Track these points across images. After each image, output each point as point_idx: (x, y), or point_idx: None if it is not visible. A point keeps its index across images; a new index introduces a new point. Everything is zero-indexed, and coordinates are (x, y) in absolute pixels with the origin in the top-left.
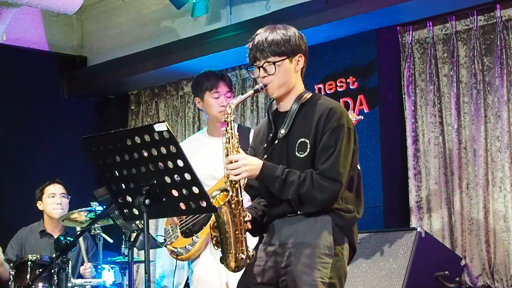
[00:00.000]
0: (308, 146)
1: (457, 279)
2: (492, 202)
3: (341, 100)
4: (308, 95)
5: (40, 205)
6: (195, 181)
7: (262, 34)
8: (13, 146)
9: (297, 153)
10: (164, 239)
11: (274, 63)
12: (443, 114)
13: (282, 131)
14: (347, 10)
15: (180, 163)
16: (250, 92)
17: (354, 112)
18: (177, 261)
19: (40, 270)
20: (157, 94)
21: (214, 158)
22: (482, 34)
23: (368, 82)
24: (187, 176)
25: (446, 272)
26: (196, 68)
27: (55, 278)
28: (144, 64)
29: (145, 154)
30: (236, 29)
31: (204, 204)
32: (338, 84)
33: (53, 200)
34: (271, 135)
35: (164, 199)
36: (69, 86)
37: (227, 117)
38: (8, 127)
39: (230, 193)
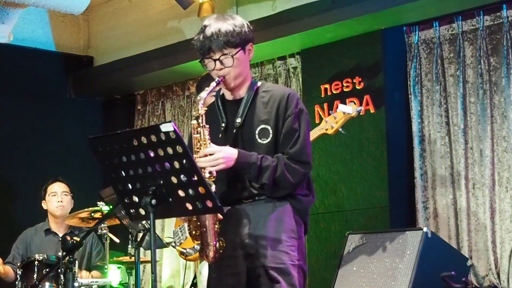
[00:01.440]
0: (271, 132)
1: (463, 279)
2: (499, 202)
3: (347, 100)
4: (259, 83)
5: (44, 205)
6: (202, 181)
7: (214, 26)
8: (19, 146)
9: (259, 140)
10: (174, 242)
11: (232, 55)
12: (449, 114)
13: (238, 120)
14: (354, 10)
15: (186, 163)
16: (213, 84)
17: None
18: (186, 262)
19: (47, 269)
20: (163, 94)
21: None
22: (488, 34)
23: (374, 82)
24: (194, 176)
25: (452, 272)
26: (202, 68)
27: (62, 278)
28: (151, 64)
29: (152, 154)
30: None
31: (210, 204)
32: (344, 84)
33: (55, 198)
34: (223, 124)
35: (170, 199)
36: (75, 86)
37: (199, 109)
38: (15, 127)
39: (213, 187)
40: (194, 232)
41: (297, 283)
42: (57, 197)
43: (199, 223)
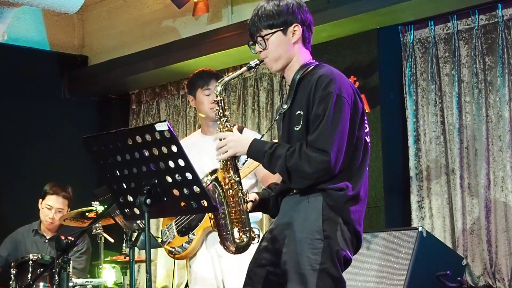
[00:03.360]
0: (302, 119)
1: (459, 278)
2: (494, 201)
3: None
4: (311, 65)
5: (39, 204)
6: (196, 180)
7: (257, 8)
8: (13, 146)
9: (294, 127)
10: (162, 241)
11: (262, 37)
12: (444, 114)
13: (285, 106)
14: (349, 10)
15: (181, 162)
16: (244, 69)
17: None
18: (175, 262)
19: (41, 269)
20: (158, 94)
21: (206, 154)
22: (483, 33)
23: (369, 82)
24: (188, 175)
25: (448, 271)
26: (197, 67)
27: (56, 278)
28: (145, 64)
29: (146, 153)
30: (237, 28)
31: (205, 203)
32: None
33: (48, 212)
34: (282, 108)
35: (165, 199)
36: (70, 85)
37: (217, 96)
38: (9, 127)
39: (212, 176)
40: (212, 221)
41: None
42: (50, 213)
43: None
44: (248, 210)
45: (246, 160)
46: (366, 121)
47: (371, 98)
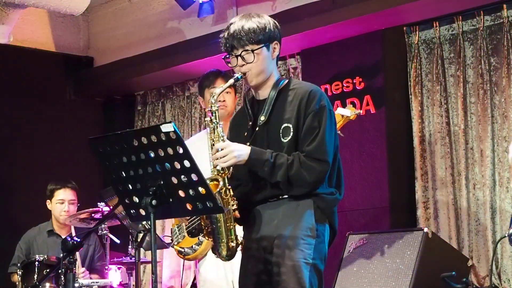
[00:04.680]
0: (291, 131)
1: (464, 279)
2: (499, 202)
3: (347, 100)
4: (286, 81)
5: (48, 205)
6: (202, 181)
7: (237, 23)
8: (19, 147)
9: (282, 139)
10: (171, 240)
11: (252, 51)
12: (449, 115)
13: (262, 118)
14: (353, 11)
15: (186, 163)
16: (231, 81)
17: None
18: (184, 261)
19: (48, 270)
20: (163, 95)
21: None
22: (488, 34)
23: (374, 83)
24: (194, 176)
25: (453, 272)
26: (203, 68)
27: (62, 278)
28: (151, 65)
29: (152, 154)
30: None
31: (210, 204)
32: (345, 85)
33: (61, 206)
34: (250, 123)
35: (170, 200)
36: (75, 86)
37: (211, 106)
38: (14, 128)
39: (221, 183)
40: (206, 228)
41: (307, 282)
42: (64, 206)
43: (209, 221)
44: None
45: None
46: None
47: (376, 99)
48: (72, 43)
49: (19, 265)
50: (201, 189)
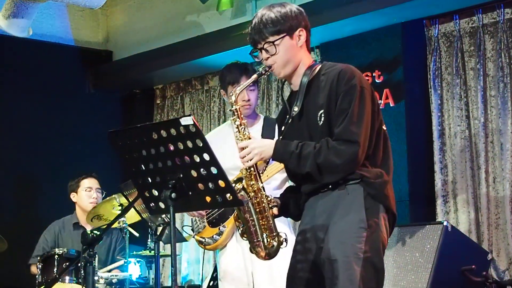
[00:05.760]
0: (323, 115)
1: (484, 273)
2: None
3: None
4: (317, 67)
5: (74, 197)
6: (221, 174)
7: (258, 15)
8: (38, 141)
9: (315, 125)
10: (192, 229)
11: (273, 42)
12: (469, 108)
13: (296, 109)
14: (373, 4)
15: (206, 157)
16: (254, 76)
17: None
18: (204, 254)
19: (67, 263)
20: (182, 88)
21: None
22: (509, 27)
23: (394, 76)
24: (213, 169)
25: (473, 266)
26: (221, 62)
27: (82, 272)
28: (170, 59)
29: (171, 148)
30: None
31: (230, 197)
32: None
33: (90, 194)
34: (287, 116)
35: (190, 193)
36: (94, 80)
37: (232, 106)
38: (34, 122)
39: (243, 182)
40: (241, 230)
41: (359, 278)
42: (92, 193)
43: (239, 221)
44: (274, 215)
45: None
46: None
47: (396, 92)
48: (91, 37)
49: (38, 258)
50: (220, 182)
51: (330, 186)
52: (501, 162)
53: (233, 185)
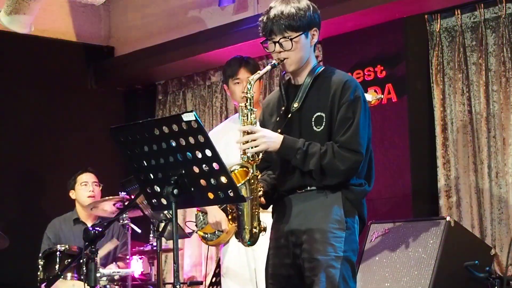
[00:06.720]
0: (324, 120)
1: (487, 268)
2: None
3: (368, 89)
4: (322, 69)
5: (72, 194)
6: (224, 170)
7: (277, 8)
8: (41, 137)
9: (314, 127)
10: (196, 225)
11: (291, 39)
12: (471, 103)
13: (295, 105)
14: None
15: (208, 152)
16: (268, 67)
17: (375, 91)
18: (207, 251)
19: (69, 260)
20: (184, 84)
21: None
22: (511, 21)
23: (396, 71)
24: (215, 165)
25: (476, 261)
26: (223, 57)
27: (84, 268)
28: (171, 54)
29: (173, 144)
30: None
31: (232, 194)
32: (366, 73)
33: (86, 188)
34: (283, 108)
35: (192, 189)
36: (96, 76)
37: (247, 93)
38: (36, 118)
39: (251, 171)
40: (231, 213)
41: (339, 275)
42: (88, 187)
43: (235, 206)
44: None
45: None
46: None
47: (398, 87)
48: (93, 32)
49: (40, 255)
50: (223, 178)
51: (308, 188)
52: (504, 157)
53: (237, 167)
